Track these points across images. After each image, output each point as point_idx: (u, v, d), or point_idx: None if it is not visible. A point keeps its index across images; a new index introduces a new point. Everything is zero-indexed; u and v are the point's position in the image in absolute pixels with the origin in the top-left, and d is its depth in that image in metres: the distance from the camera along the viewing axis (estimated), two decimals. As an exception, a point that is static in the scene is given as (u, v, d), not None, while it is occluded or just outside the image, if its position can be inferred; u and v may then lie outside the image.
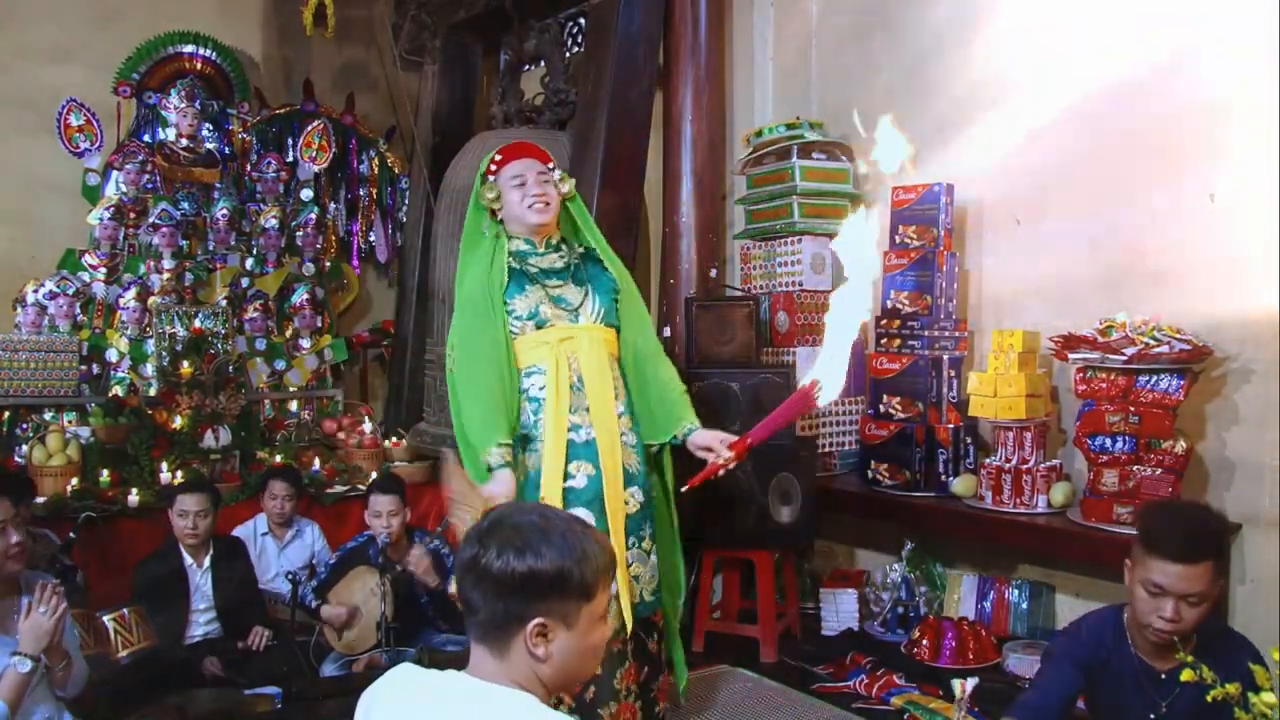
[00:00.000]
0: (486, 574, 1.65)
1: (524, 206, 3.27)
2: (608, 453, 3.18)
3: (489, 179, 3.35)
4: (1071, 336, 3.83)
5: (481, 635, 1.69)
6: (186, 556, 4.29)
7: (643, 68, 5.05)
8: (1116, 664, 2.68)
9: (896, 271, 4.50)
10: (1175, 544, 2.48)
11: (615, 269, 3.41)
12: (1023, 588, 4.31)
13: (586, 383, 3.22)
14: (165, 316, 5.60)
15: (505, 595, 1.65)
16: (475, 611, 1.68)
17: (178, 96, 5.99)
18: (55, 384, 5.37)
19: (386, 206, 6.89)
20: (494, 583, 1.65)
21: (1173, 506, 2.74)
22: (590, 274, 3.35)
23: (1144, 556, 2.53)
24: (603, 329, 3.30)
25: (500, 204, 3.33)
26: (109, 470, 5.01)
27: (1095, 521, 3.76)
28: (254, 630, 4.28)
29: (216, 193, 6.10)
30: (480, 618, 1.68)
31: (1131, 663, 2.66)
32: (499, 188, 3.32)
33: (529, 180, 3.27)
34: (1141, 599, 2.55)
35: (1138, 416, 3.67)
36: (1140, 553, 2.56)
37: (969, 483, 4.26)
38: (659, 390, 3.36)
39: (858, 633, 4.58)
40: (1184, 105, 3.84)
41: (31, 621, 2.99)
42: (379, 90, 7.07)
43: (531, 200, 3.27)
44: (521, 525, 1.68)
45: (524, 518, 1.71)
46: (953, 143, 4.62)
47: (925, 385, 4.38)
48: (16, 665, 2.95)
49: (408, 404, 6.30)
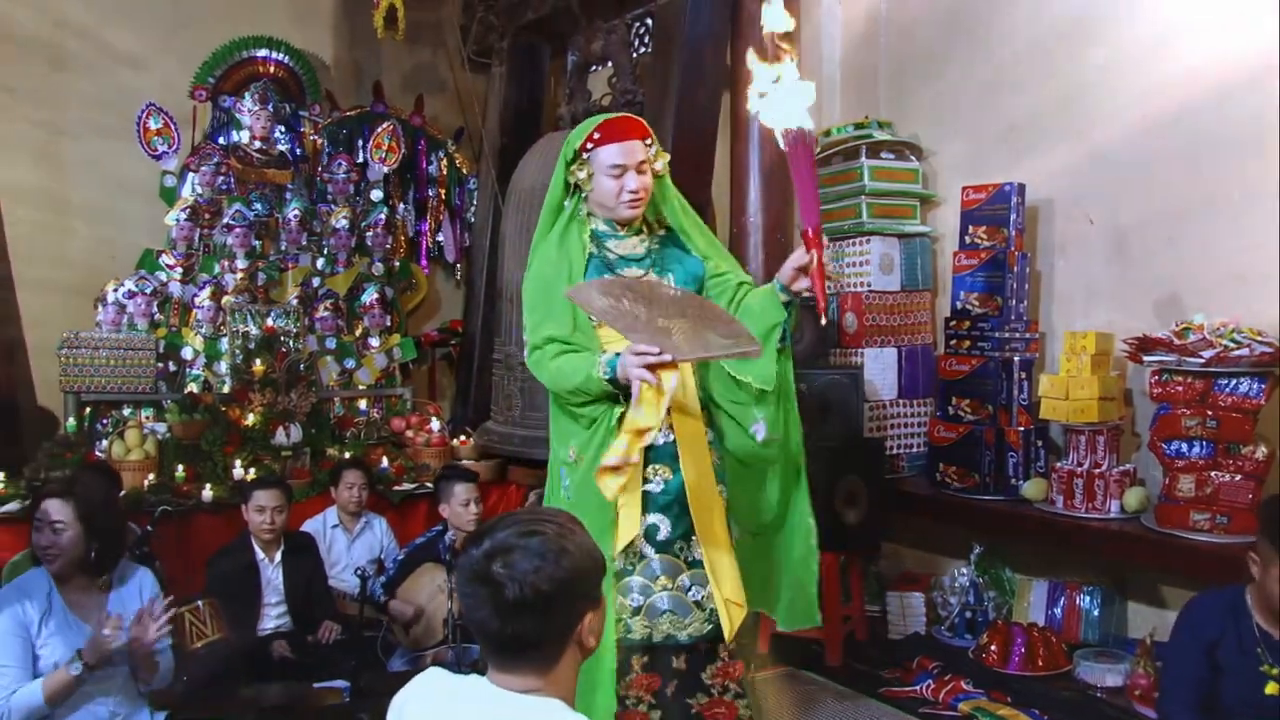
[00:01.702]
0: (534, 597, 1.59)
1: (619, 200, 2.94)
2: (689, 454, 2.93)
3: (583, 155, 2.96)
4: (1146, 338, 3.76)
5: (530, 662, 1.64)
6: (259, 551, 4.37)
7: (710, 68, 5.04)
8: (1233, 640, 2.79)
9: (966, 272, 4.45)
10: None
11: (698, 247, 3.09)
12: (1094, 594, 4.24)
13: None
14: (239, 315, 5.71)
15: (560, 606, 1.63)
16: (525, 646, 1.63)
17: (251, 100, 6.12)
18: (133, 381, 5.52)
19: (455, 207, 6.95)
20: (547, 601, 1.60)
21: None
22: (670, 260, 3.03)
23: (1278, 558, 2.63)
24: None
25: (590, 185, 2.97)
26: (184, 465, 5.12)
27: (1170, 528, 3.68)
28: (324, 625, 4.35)
29: (288, 194, 6.21)
30: (531, 648, 1.63)
31: (1254, 636, 2.77)
32: (592, 168, 2.95)
33: (629, 173, 2.91)
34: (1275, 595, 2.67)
35: (1216, 421, 3.58)
36: (1271, 553, 2.65)
37: (1040, 486, 4.19)
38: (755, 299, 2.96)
39: (924, 637, 4.53)
40: (1263, 104, 3.74)
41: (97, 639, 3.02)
42: (447, 92, 7.15)
43: (629, 197, 2.94)
44: (526, 540, 1.63)
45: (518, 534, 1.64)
46: (1024, 142, 4.56)
47: (995, 387, 4.32)
48: (69, 667, 3.00)
49: (475, 403, 6.35)
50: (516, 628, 1.61)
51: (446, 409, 6.68)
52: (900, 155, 4.97)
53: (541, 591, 1.58)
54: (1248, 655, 2.76)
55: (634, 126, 2.96)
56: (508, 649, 1.64)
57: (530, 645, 1.63)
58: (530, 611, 1.59)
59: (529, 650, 1.63)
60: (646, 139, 2.97)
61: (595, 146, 2.94)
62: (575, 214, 3.04)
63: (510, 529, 1.65)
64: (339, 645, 4.30)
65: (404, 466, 5.65)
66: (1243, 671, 2.76)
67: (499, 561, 1.60)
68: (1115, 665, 3.86)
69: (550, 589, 1.59)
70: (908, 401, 4.87)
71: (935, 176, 4.99)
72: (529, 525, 1.65)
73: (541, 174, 5.59)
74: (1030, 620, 4.31)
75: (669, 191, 3.10)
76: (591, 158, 2.95)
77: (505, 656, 1.65)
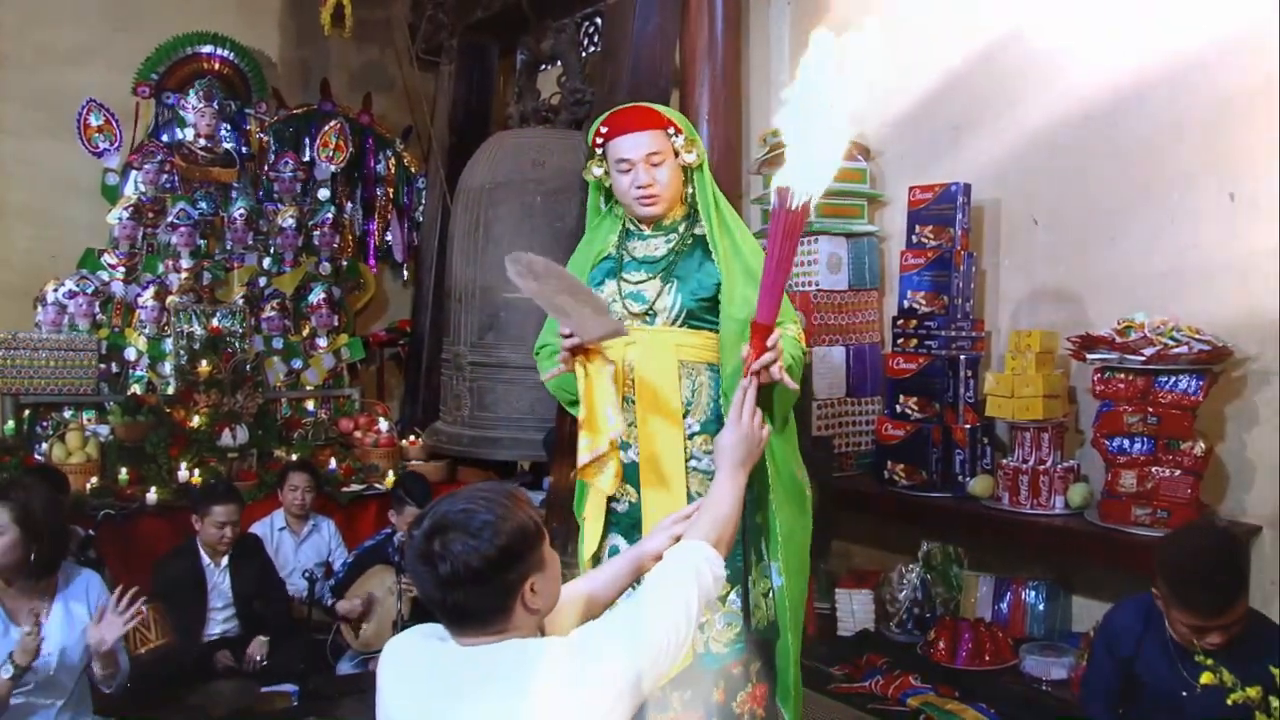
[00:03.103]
0: (466, 573, 1.69)
1: (630, 197, 2.77)
2: (650, 473, 2.70)
3: (595, 151, 2.84)
4: (1089, 337, 3.81)
5: (478, 627, 1.75)
6: (204, 555, 4.32)
7: (659, 67, 5.04)
8: (1151, 645, 2.86)
9: (913, 271, 4.49)
10: (1207, 604, 2.63)
11: (720, 257, 2.75)
12: (1039, 589, 4.29)
13: (638, 396, 2.71)
14: (183, 315, 5.63)
15: (494, 579, 1.71)
16: (466, 614, 1.74)
17: (196, 97, 6.03)
18: (75, 382, 5.42)
19: (403, 206, 6.91)
20: (478, 576, 1.70)
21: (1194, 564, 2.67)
22: (684, 268, 2.76)
23: (1175, 609, 2.69)
24: (676, 332, 2.75)
25: (608, 182, 2.86)
26: (128, 468, 5.04)
27: (1113, 523, 3.74)
28: (253, 643, 4.27)
29: (234, 192, 6.13)
30: (472, 615, 1.74)
31: (1167, 644, 2.82)
32: (607, 164, 2.83)
33: (637, 168, 2.73)
34: (1181, 632, 2.72)
35: (1156, 417, 3.65)
36: (1170, 602, 2.70)
37: (986, 483, 4.24)
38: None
39: (873, 634, 4.56)
40: (1203, 104, 3.81)
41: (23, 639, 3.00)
42: (396, 90, 7.10)
43: (638, 193, 2.75)
44: (461, 518, 1.73)
45: (454, 513, 1.75)
46: (970, 142, 4.61)
47: (942, 385, 4.36)
48: (0, 671, 2.97)
49: (424, 403, 6.32)
50: (456, 599, 1.72)
51: (395, 409, 6.64)
52: (848, 155, 5.00)
53: (472, 568, 1.69)
54: (1165, 659, 2.82)
55: (644, 116, 2.76)
56: (454, 618, 1.76)
57: (473, 614, 1.74)
58: (466, 585, 1.70)
59: (473, 618, 1.75)
60: (667, 128, 2.75)
61: (605, 141, 2.80)
62: (611, 212, 2.94)
63: (447, 509, 1.77)
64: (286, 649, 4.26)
65: (352, 467, 5.61)
66: (1162, 675, 2.83)
67: (436, 541, 1.72)
68: (1060, 658, 3.92)
69: (480, 565, 1.69)
70: (856, 400, 4.90)
71: (882, 176, 5.02)
72: (464, 504, 1.76)
73: (490, 173, 5.59)
74: (977, 616, 4.36)
75: (707, 187, 2.82)
76: (604, 153, 2.82)
77: (454, 625, 1.77)
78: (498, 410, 5.48)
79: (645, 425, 2.71)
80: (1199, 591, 2.64)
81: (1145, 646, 2.88)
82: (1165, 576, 2.72)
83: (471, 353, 5.55)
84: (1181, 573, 2.68)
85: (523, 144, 5.64)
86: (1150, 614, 2.88)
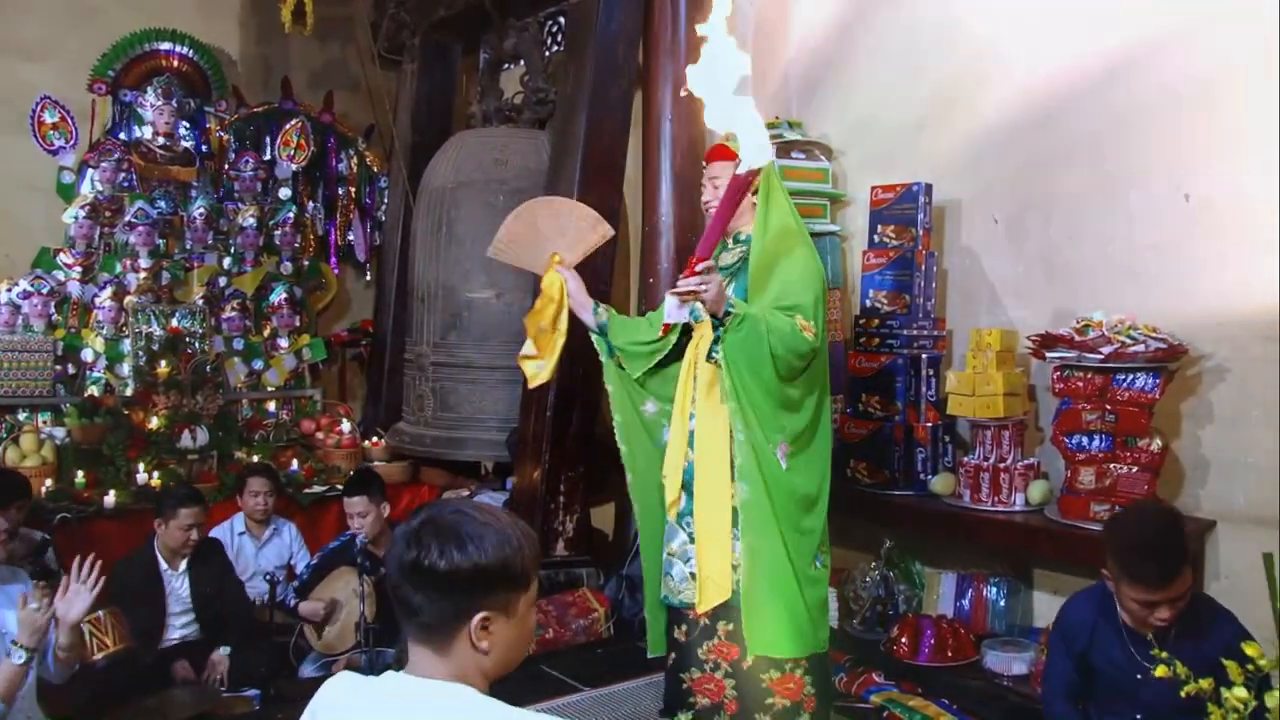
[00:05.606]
0: (431, 574, 1.65)
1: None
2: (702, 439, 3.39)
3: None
4: (1048, 335, 3.85)
5: (424, 636, 1.70)
6: (161, 560, 4.25)
7: (622, 67, 5.05)
8: (1104, 634, 2.95)
9: (875, 270, 4.51)
10: (1153, 574, 2.72)
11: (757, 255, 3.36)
12: (1001, 585, 4.33)
13: (699, 377, 3.41)
14: (142, 316, 5.57)
15: (451, 592, 1.66)
16: (417, 613, 1.69)
17: (154, 94, 5.96)
18: (29, 384, 5.34)
19: (365, 205, 6.87)
20: (439, 581, 1.65)
21: (1139, 535, 2.79)
22: (741, 273, 3.44)
23: (1124, 583, 2.77)
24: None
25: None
26: (85, 471, 4.98)
27: (1072, 519, 3.78)
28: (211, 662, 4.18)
29: (193, 191, 6.07)
30: (423, 619, 1.68)
31: (1119, 630, 2.91)
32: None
33: (705, 187, 3.52)
34: (1131, 610, 2.80)
35: (1114, 415, 3.69)
36: (1119, 578, 2.79)
37: (947, 481, 4.27)
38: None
39: (836, 631, 4.57)
40: (1158, 104, 3.85)
41: (27, 613, 3.00)
42: (358, 89, 7.05)
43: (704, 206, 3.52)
44: (455, 522, 1.69)
45: (453, 515, 1.71)
46: (931, 141, 4.63)
47: (904, 384, 4.39)
48: (12, 657, 2.94)
49: (386, 404, 6.28)
50: (408, 588, 1.67)
51: (357, 410, 6.60)
52: (810, 155, 5.01)
53: (437, 569, 1.64)
54: (1117, 644, 2.92)
55: (712, 152, 3.58)
56: (402, 609, 1.70)
57: (418, 614, 1.68)
58: (425, 582, 1.66)
59: (417, 617, 1.69)
60: (729, 160, 3.37)
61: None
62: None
63: (456, 508, 1.73)
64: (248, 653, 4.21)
65: (314, 469, 5.58)
66: (1116, 661, 2.92)
67: (425, 528, 1.68)
68: (1021, 654, 3.95)
69: (445, 569, 1.64)
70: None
71: (845, 176, 5.04)
72: (473, 513, 1.72)
73: (453, 172, 5.57)
74: (939, 612, 4.39)
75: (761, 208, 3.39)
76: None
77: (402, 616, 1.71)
78: (461, 410, 5.46)
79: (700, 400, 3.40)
80: (1144, 562, 2.73)
81: (1098, 634, 2.96)
82: (1113, 551, 2.83)
83: (434, 353, 5.53)
84: (1128, 543, 2.79)
85: (485, 143, 5.62)
86: (1103, 602, 2.96)
